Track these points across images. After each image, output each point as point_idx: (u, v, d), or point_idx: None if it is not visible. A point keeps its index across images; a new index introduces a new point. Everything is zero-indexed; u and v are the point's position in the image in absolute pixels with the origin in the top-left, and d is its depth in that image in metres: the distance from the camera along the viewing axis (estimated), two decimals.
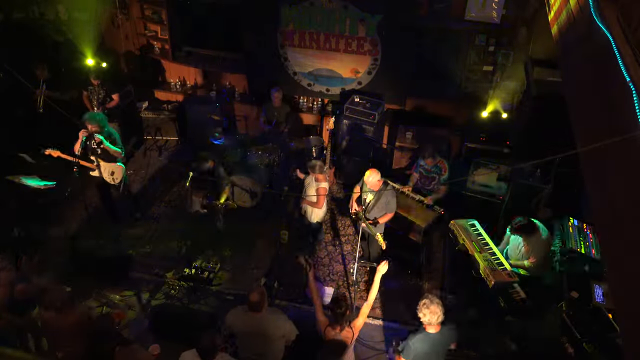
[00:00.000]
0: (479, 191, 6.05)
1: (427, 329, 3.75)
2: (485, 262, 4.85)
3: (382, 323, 5.40)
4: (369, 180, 5.10)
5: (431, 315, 3.65)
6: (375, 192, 5.21)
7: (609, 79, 2.70)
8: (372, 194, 5.23)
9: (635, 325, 2.15)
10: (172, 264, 5.87)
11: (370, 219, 5.24)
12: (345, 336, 3.94)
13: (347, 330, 3.94)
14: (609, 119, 2.77)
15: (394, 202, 5.31)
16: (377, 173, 5.11)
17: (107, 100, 7.03)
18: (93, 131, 5.57)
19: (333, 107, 7.77)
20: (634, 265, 2.19)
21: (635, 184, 2.25)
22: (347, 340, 3.95)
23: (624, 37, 2.80)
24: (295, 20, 7.04)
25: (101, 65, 7.42)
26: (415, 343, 3.75)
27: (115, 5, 7.73)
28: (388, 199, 5.25)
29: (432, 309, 3.65)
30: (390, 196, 5.26)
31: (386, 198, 5.24)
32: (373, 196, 5.24)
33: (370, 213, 5.29)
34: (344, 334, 3.93)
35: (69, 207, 6.69)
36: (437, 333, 3.74)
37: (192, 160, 6.19)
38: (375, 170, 5.11)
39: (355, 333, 3.99)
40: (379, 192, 5.20)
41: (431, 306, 3.66)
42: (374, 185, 5.13)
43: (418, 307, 3.74)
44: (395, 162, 7.15)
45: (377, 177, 5.08)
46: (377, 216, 5.30)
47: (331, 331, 3.95)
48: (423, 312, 3.68)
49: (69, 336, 4.06)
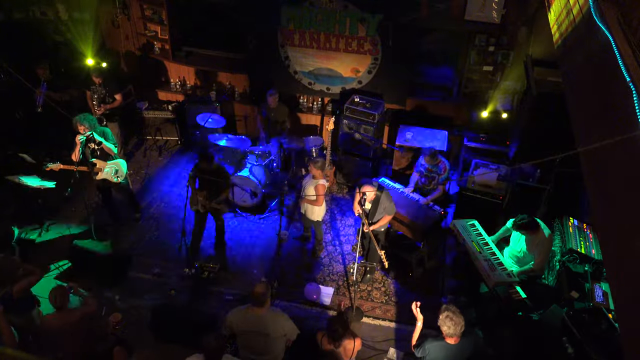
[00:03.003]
0: (479, 191, 6.05)
1: (446, 339, 3.71)
2: (485, 262, 4.85)
3: (382, 323, 5.40)
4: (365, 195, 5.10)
5: (455, 327, 3.60)
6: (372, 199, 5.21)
7: (609, 79, 2.71)
8: (370, 202, 5.25)
9: (635, 326, 2.15)
10: (172, 264, 5.88)
11: (373, 222, 5.28)
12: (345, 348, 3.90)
13: (349, 342, 3.91)
14: (609, 119, 2.78)
15: (393, 206, 5.32)
16: (372, 188, 5.10)
17: (108, 100, 6.98)
18: (85, 132, 5.55)
19: (333, 106, 7.77)
20: (633, 265, 2.19)
21: (635, 184, 2.25)
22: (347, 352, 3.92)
23: (624, 37, 2.81)
24: (296, 20, 7.04)
25: (101, 65, 7.41)
26: (431, 348, 3.72)
27: (116, 5, 7.73)
28: (385, 204, 5.27)
29: (455, 320, 3.60)
30: (387, 201, 5.28)
31: (383, 204, 5.26)
32: (371, 203, 5.27)
33: (373, 219, 5.32)
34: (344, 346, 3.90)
35: (69, 207, 6.70)
36: (456, 345, 3.69)
37: (194, 160, 6.18)
38: (370, 186, 5.10)
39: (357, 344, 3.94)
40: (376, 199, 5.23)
41: (455, 318, 3.60)
42: (371, 198, 5.17)
43: (440, 318, 3.67)
44: (395, 162, 7.15)
45: (372, 190, 5.09)
46: (377, 220, 5.32)
47: (327, 343, 3.92)
48: (447, 325, 3.61)
49: (69, 336, 4.07)
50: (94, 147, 5.75)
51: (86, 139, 5.61)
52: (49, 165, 5.60)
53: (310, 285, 5.68)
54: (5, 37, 7.28)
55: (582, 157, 3.06)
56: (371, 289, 5.81)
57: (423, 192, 6.12)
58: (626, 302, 2.31)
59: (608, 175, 2.69)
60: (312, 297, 5.59)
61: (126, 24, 8.01)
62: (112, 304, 5.37)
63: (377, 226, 5.32)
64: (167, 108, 7.95)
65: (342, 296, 5.71)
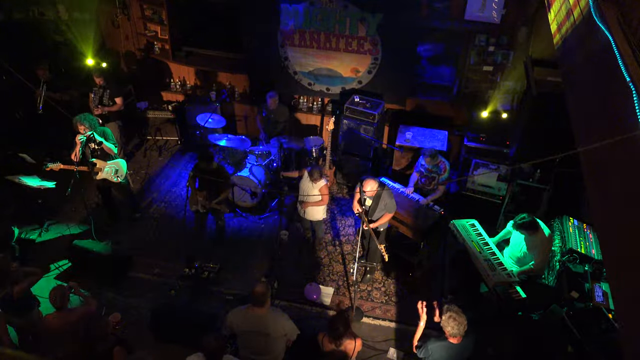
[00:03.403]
0: (479, 191, 6.05)
1: (449, 339, 3.72)
2: (485, 262, 4.86)
3: (382, 323, 5.40)
4: (367, 190, 5.09)
5: (458, 327, 3.62)
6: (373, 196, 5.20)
7: (609, 79, 2.71)
8: (370, 198, 5.24)
9: (635, 325, 2.15)
10: (172, 264, 5.88)
11: (374, 220, 5.27)
12: (346, 348, 3.90)
13: (349, 342, 3.92)
14: (609, 119, 2.78)
15: (393, 203, 5.31)
16: (375, 182, 5.09)
17: (108, 102, 6.89)
18: (86, 132, 5.55)
19: (333, 106, 7.77)
20: (633, 265, 2.19)
21: (635, 184, 2.25)
22: (348, 352, 3.91)
23: (624, 37, 2.81)
24: (296, 19, 7.04)
25: (101, 65, 7.41)
26: (434, 348, 3.72)
27: (116, 5, 7.73)
28: (386, 201, 5.25)
29: (459, 320, 3.61)
30: (388, 197, 5.26)
31: (384, 201, 5.24)
32: (371, 200, 5.25)
33: (373, 216, 5.31)
34: (345, 345, 3.89)
35: (69, 207, 6.70)
36: (458, 345, 3.71)
37: (194, 160, 6.15)
38: (372, 181, 5.08)
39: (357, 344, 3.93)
40: (377, 195, 5.20)
41: (458, 318, 3.62)
42: (372, 194, 5.15)
43: (442, 319, 3.68)
44: (395, 162, 7.15)
45: (374, 186, 5.07)
46: (377, 218, 5.32)
47: (329, 343, 3.92)
48: (451, 325, 3.62)
49: (69, 336, 4.07)
50: (94, 147, 5.75)
51: (86, 139, 5.61)
52: (49, 165, 5.60)
53: (310, 285, 5.68)
54: (5, 37, 7.27)
55: (582, 157, 3.06)
56: (371, 289, 5.81)
57: (423, 193, 6.11)
58: (626, 302, 2.31)
59: (608, 175, 2.69)
60: (312, 297, 5.59)
61: (126, 24, 8.01)
62: (112, 304, 5.37)
63: (377, 224, 5.31)
64: (167, 108, 7.95)
65: (342, 296, 5.71)
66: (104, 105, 6.88)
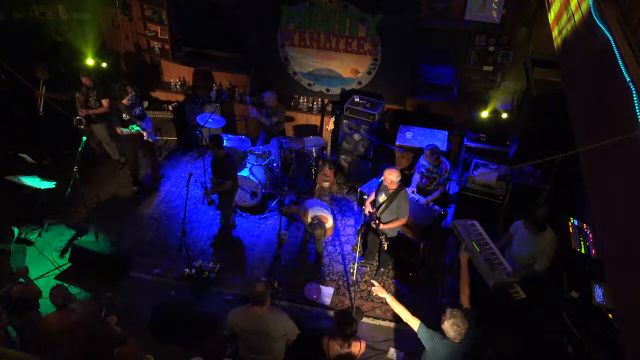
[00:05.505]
0: (479, 191, 6.05)
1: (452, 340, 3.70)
2: (485, 262, 4.84)
3: (383, 323, 5.40)
4: (386, 177, 5.00)
5: (461, 332, 3.60)
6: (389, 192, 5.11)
7: (609, 79, 2.71)
8: (386, 194, 5.17)
9: (635, 325, 2.15)
10: (172, 264, 5.88)
11: (382, 221, 5.15)
12: (352, 350, 3.89)
13: (355, 344, 3.90)
14: (609, 119, 2.78)
15: (407, 208, 5.17)
16: (398, 175, 5.01)
17: (95, 104, 6.70)
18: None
19: (333, 107, 7.77)
20: (633, 265, 2.19)
21: (635, 184, 2.25)
22: (354, 354, 3.91)
23: (624, 37, 2.81)
24: (296, 20, 7.04)
25: (101, 65, 7.41)
26: (440, 345, 3.69)
27: (116, 5, 7.73)
28: (400, 203, 5.13)
29: (462, 326, 3.58)
30: (403, 201, 5.13)
31: (398, 202, 5.13)
32: (386, 196, 5.19)
33: (382, 215, 5.21)
34: (352, 349, 3.88)
35: (69, 207, 6.70)
36: (460, 343, 3.69)
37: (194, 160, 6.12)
38: (395, 172, 5.01)
39: (362, 347, 3.92)
40: (394, 192, 5.09)
41: (461, 324, 3.59)
42: (389, 184, 5.04)
43: (445, 325, 3.64)
44: (395, 162, 7.15)
45: (395, 178, 4.98)
46: (387, 220, 5.19)
47: (335, 346, 3.90)
48: (454, 331, 3.60)
49: (68, 336, 4.07)
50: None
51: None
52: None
53: (310, 285, 5.68)
54: (5, 37, 7.27)
55: (582, 157, 3.06)
56: (371, 289, 5.80)
57: (424, 193, 6.11)
58: (626, 302, 2.31)
59: (608, 175, 2.69)
60: (312, 297, 5.59)
61: (126, 24, 8.01)
62: (112, 304, 5.37)
63: (386, 227, 5.18)
64: (167, 108, 7.95)
65: (342, 296, 5.71)
66: (89, 108, 6.69)
